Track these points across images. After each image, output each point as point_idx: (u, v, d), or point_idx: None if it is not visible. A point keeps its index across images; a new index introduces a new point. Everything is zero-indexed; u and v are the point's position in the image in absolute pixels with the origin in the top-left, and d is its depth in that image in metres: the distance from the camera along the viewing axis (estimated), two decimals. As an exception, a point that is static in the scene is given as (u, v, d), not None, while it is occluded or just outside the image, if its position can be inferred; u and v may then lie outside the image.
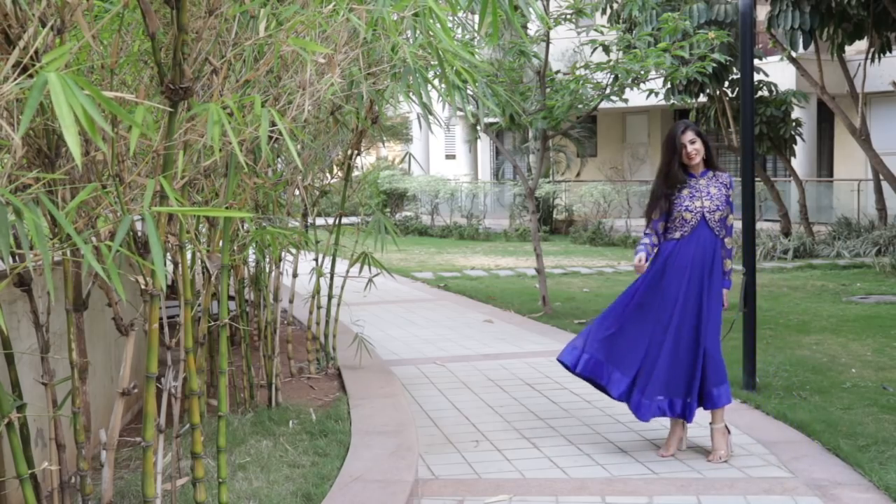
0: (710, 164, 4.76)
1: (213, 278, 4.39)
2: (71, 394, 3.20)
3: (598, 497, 4.22)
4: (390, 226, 6.49)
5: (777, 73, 17.23)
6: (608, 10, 12.39)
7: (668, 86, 12.71)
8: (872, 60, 13.98)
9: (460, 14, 5.21)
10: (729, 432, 4.78)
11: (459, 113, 17.25)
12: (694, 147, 4.68)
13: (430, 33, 3.38)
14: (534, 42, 9.09)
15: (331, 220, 7.03)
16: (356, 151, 6.75)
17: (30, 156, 2.89)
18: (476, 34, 7.32)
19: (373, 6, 3.20)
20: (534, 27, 11.56)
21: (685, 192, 4.71)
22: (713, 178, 4.73)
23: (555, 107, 8.79)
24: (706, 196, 4.69)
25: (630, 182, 21.00)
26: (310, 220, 6.80)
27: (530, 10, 3.47)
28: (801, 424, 5.13)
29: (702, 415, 5.51)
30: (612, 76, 8.58)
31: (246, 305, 6.01)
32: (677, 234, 4.72)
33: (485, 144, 26.91)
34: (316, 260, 6.77)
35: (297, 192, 6.31)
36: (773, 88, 15.59)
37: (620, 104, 9.29)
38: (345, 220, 6.93)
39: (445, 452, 4.91)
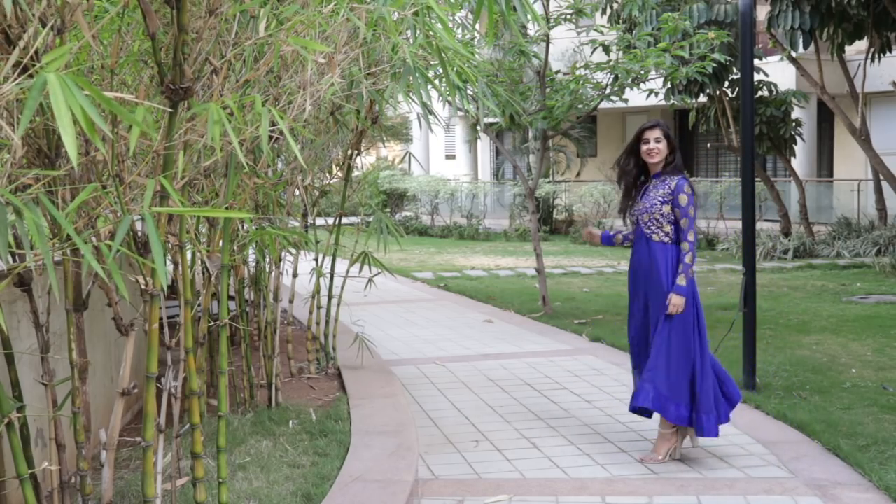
0: (669, 168, 4.65)
1: (213, 278, 4.39)
2: (71, 394, 3.20)
3: (598, 497, 4.22)
4: (392, 224, 6.48)
5: (777, 73, 17.22)
6: (608, 10, 12.39)
7: (668, 86, 12.70)
8: (872, 60, 13.98)
9: (460, 14, 5.21)
10: (677, 442, 4.72)
11: (460, 113, 17.25)
12: (657, 145, 4.59)
13: (431, 33, 3.38)
14: (534, 42, 9.09)
15: (331, 220, 7.03)
16: (356, 151, 6.75)
17: (30, 155, 2.89)
18: (476, 34, 7.32)
19: (373, 6, 3.20)
20: (534, 27, 11.56)
21: (641, 195, 4.72)
22: (662, 181, 4.63)
23: (555, 107, 8.79)
24: (646, 198, 4.66)
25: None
26: (310, 220, 6.79)
27: (527, 13, 3.47)
28: (801, 424, 5.13)
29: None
30: (612, 76, 8.58)
31: (246, 305, 6.01)
32: (632, 237, 4.84)
33: (485, 144, 26.90)
34: (316, 260, 6.77)
35: (297, 192, 6.31)
36: (773, 88, 15.59)
37: (620, 104, 9.29)
38: (345, 220, 6.93)
39: (445, 452, 4.91)
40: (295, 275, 6.78)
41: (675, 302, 4.51)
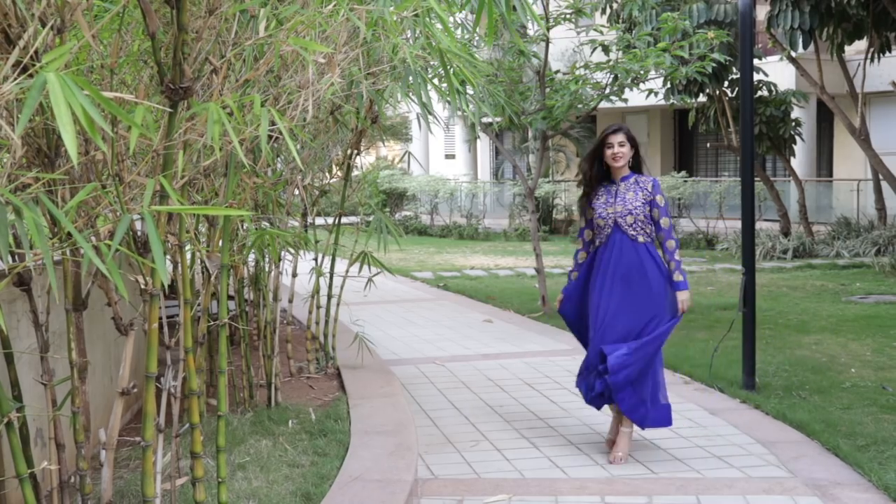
0: (636, 169, 4.77)
1: (212, 278, 4.39)
2: (70, 393, 3.20)
3: (598, 497, 4.22)
4: (391, 224, 6.48)
5: (777, 73, 17.22)
6: (608, 10, 12.38)
7: (668, 86, 12.70)
8: (872, 60, 13.98)
9: (460, 14, 5.21)
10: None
11: (459, 113, 17.23)
12: (621, 150, 4.66)
13: (430, 33, 3.38)
14: (533, 42, 9.09)
15: (331, 220, 7.03)
16: (356, 151, 6.75)
17: (29, 155, 2.89)
18: (475, 34, 7.32)
19: (373, 6, 3.20)
20: (533, 26, 11.56)
21: (601, 198, 4.73)
22: (633, 183, 4.70)
23: (554, 107, 8.79)
24: (619, 201, 4.67)
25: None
26: (309, 219, 6.79)
27: (527, 14, 3.48)
28: (800, 424, 5.13)
29: (702, 416, 5.53)
30: (612, 76, 8.58)
31: (245, 305, 6.01)
32: (597, 241, 4.80)
33: (484, 144, 26.89)
34: (315, 259, 6.77)
35: (296, 192, 6.31)
36: (772, 88, 15.58)
37: (620, 104, 9.29)
38: (344, 220, 6.93)
39: (445, 452, 4.91)
40: (294, 274, 6.78)
41: (685, 298, 4.66)
